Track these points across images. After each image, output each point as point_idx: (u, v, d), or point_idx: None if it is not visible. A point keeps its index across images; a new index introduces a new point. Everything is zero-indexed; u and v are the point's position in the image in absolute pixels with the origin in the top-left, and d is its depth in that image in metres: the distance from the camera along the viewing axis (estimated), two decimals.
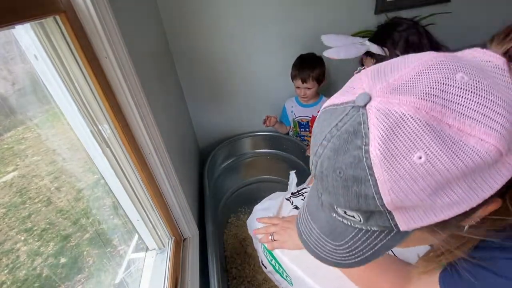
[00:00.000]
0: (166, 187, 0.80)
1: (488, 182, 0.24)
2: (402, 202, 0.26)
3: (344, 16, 1.42)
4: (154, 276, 0.77)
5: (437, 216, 0.26)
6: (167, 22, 1.26)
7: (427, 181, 0.24)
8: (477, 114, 0.23)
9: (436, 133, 0.23)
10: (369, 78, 0.27)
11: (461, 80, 0.24)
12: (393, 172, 0.24)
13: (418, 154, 0.23)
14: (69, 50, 0.52)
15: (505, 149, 0.23)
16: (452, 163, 0.23)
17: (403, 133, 0.23)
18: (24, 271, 0.50)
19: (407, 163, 0.24)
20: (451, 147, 0.23)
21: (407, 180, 0.24)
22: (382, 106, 0.24)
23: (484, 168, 0.24)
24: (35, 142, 0.60)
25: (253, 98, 1.59)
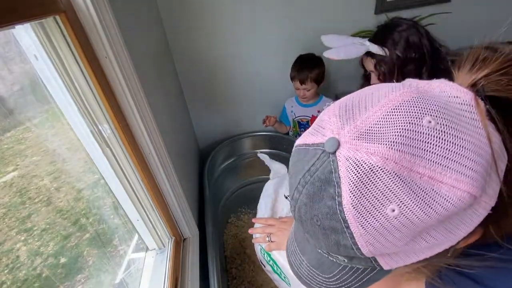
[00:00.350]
0: (166, 187, 0.80)
1: (466, 222, 0.25)
2: (381, 251, 0.26)
3: (344, 16, 1.42)
4: (154, 276, 0.77)
5: (419, 256, 0.27)
6: (167, 22, 1.26)
7: (403, 232, 0.24)
8: (447, 160, 0.23)
9: (407, 184, 0.23)
10: (337, 117, 0.26)
11: (427, 125, 0.23)
12: (367, 226, 0.24)
13: (391, 207, 0.23)
14: (69, 50, 0.52)
15: (479, 192, 0.23)
16: (425, 214, 0.23)
17: (374, 185, 0.23)
18: (24, 271, 0.50)
19: (381, 217, 0.23)
20: (423, 197, 0.23)
21: (383, 232, 0.24)
22: (351, 155, 0.24)
23: (460, 213, 0.24)
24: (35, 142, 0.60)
25: (253, 98, 1.59)
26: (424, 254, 0.27)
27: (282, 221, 0.70)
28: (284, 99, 1.56)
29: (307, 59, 1.31)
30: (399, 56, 0.82)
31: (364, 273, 0.30)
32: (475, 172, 0.23)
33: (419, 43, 0.82)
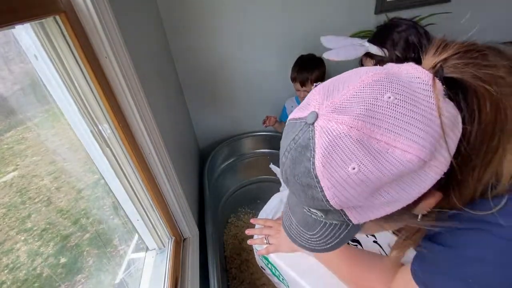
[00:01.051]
0: (166, 187, 0.80)
1: (418, 183, 0.29)
2: (346, 204, 0.31)
3: (344, 16, 1.42)
4: (154, 276, 0.77)
5: (380, 212, 0.32)
6: (167, 22, 1.26)
7: (362, 187, 0.29)
8: (400, 129, 0.27)
9: (366, 148, 0.27)
10: (321, 95, 0.31)
11: (387, 100, 0.28)
12: (333, 181, 0.29)
13: (352, 165, 0.28)
14: (69, 50, 0.52)
15: (427, 157, 0.27)
16: (380, 172, 0.28)
17: (339, 148, 0.28)
18: (24, 271, 0.50)
19: (344, 173, 0.28)
20: (378, 158, 0.28)
21: (346, 187, 0.29)
22: (324, 125, 0.29)
23: (410, 173, 0.28)
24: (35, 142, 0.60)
25: (253, 98, 1.59)
26: (384, 210, 0.32)
27: (279, 223, 0.70)
28: (284, 99, 1.56)
29: (307, 60, 1.31)
30: (399, 57, 0.82)
31: (341, 229, 0.36)
32: (423, 139, 0.27)
33: (419, 43, 0.82)
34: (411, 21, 0.86)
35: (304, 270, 0.62)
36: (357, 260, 0.56)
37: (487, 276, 0.31)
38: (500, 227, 0.30)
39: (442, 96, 0.29)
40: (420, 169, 0.28)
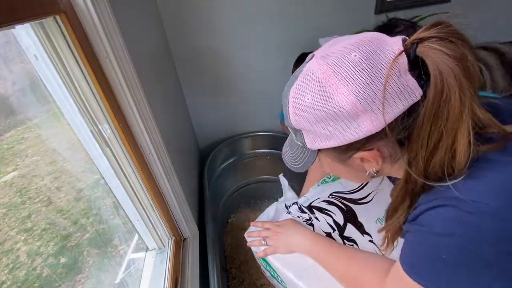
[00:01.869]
0: (166, 187, 0.80)
1: (351, 130, 0.36)
2: (300, 125, 0.41)
3: (344, 16, 1.42)
4: (154, 276, 0.77)
5: (324, 142, 0.40)
6: (167, 22, 1.26)
7: (310, 114, 0.38)
8: (350, 82, 0.34)
9: (321, 87, 0.36)
10: (327, 45, 0.39)
11: (352, 58, 0.34)
12: (295, 104, 0.40)
13: (308, 96, 0.37)
14: (69, 50, 0.52)
15: (359, 109, 0.34)
16: (324, 106, 0.36)
17: (306, 82, 0.38)
18: (24, 271, 0.50)
19: (301, 101, 0.39)
20: (326, 97, 0.35)
21: (300, 110, 0.39)
22: (310, 64, 0.39)
23: (346, 118, 0.35)
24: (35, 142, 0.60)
25: (253, 98, 1.59)
26: (327, 142, 0.40)
27: (277, 224, 0.70)
28: None
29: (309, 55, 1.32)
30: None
31: (304, 153, 0.46)
32: (362, 96, 0.33)
33: None
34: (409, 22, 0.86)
35: (301, 271, 0.63)
36: (353, 259, 0.57)
37: (458, 250, 0.33)
38: (465, 202, 0.32)
39: (404, 70, 0.33)
40: (353, 118, 0.35)
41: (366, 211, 0.67)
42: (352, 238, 0.64)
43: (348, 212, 0.68)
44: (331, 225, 0.68)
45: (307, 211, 0.73)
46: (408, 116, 0.35)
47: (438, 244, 0.34)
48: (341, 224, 0.67)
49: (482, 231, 0.31)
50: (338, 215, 0.69)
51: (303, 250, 0.64)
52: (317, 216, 0.71)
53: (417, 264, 0.37)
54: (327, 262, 0.60)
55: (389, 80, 0.33)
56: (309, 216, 0.72)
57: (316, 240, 0.63)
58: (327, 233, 0.67)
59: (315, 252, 0.62)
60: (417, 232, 0.37)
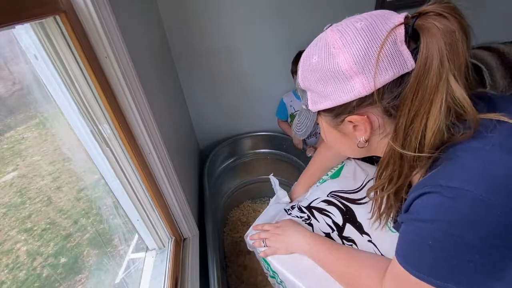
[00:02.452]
0: (166, 187, 0.80)
1: (345, 90, 0.40)
2: (305, 85, 0.45)
3: (344, 16, 1.42)
4: (154, 276, 0.77)
5: (323, 103, 0.44)
6: (167, 22, 1.26)
7: (315, 74, 0.42)
8: (350, 46, 0.37)
9: (327, 48, 0.40)
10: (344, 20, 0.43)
11: (357, 26, 0.38)
12: (304, 64, 0.45)
13: (315, 56, 0.42)
14: (69, 50, 0.52)
15: (354, 71, 0.37)
16: (327, 66, 0.40)
17: (316, 44, 0.43)
18: (24, 271, 0.50)
19: (309, 61, 0.43)
20: (329, 57, 0.39)
21: (308, 70, 0.44)
22: (324, 33, 0.42)
23: (342, 78, 0.39)
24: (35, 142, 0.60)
25: (253, 98, 1.59)
26: (324, 103, 0.43)
27: (276, 226, 0.71)
28: None
29: None
30: None
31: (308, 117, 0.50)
32: (359, 59, 0.37)
33: None
34: None
35: (301, 272, 0.63)
36: (352, 259, 0.57)
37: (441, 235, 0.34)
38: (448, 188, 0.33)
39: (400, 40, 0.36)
40: (348, 79, 0.38)
41: (365, 211, 0.67)
42: (351, 238, 0.64)
43: (347, 212, 0.68)
44: (330, 225, 0.68)
45: (306, 211, 0.73)
46: (398, 86, 0.37)
47: (424, 230, 0.36)
48: (340, 224, 0.67)
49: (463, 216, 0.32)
50: (337, 216, 0.68)
51: (302, 251, 0.64)
52: (316, 217, 0.70)
53: (408, 253, 0.39)
54: (326, 262, 0.61)
55: (384, 47, 0.36)
56: (308, 216, 0.72)
57: (315, 240, 0.63)
58: (326, 233, 0.66)
59: (314, 252, 0.63)
60: (407, 221, 0.39)
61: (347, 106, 0.41)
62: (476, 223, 0.32)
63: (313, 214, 0.71)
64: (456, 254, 0.33)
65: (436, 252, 0.35)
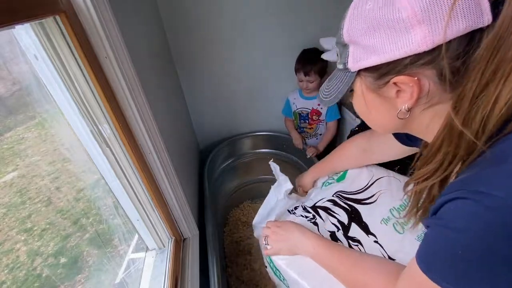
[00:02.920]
0: (166, 187, 0.80)
1: (400, 42, 0.33)
2: (350, 36, 0.39)
3: None
4: (154, 276, 0.77)
5: (368, 60, 0.37)
6: (167, 22, 1.26)
7: (364, 22, 0.36)
8: None
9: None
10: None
11: None
12: (354, 12, 0.38)
13: (370, 3, 0.35)
14: (69, 50, 0.52)
15: (417, 19, 0.31)
16: (382, 12, 0.33)
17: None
18: (24, 271, 0.50)
19: (362, 8, 0.36)
20: (388, 4, 0.33)
21: (357, 18, 0.37)
22: None
23: (400, 27, 0.33)
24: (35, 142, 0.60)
25: (253, 98, 1.59)
26: (370, 59, 0.37)
27: (277, 225, 0.68)
28: (284, 99, 1.56)
29: (311, 53, 1.35)
30: None
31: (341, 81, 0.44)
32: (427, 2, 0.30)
33: None
34: None
35: (305, 271, 0.62)
36: (359, 263, 0.55)
37: (474, 246, 0.30)
38: (486, 196, 0.29)
39: None
40: (407, 29, 0.32)
41: (371, 211, 0.67)
42: (357, 238, 0.63)
43: (353, 212, 0.68)
44: (335, 224, 0.67)
45: (312, 210, 0.72)
46: (467, 44, 0.31)
47: (454, 239, 0.32)
48: (346, 224, 0.66)
49: (505, 229, 0.29)
50: (342, 215, 0.68)
51: (307, 253, 0.63)
52: (322, 216, 0.70)
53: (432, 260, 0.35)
54: (332, 266, 0.59)
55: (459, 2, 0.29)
56: (313, 215, 0.71)
57: (321, 243, 0.61)
58: (331, 232, 0.66)
59: (320, 256, 0.61)
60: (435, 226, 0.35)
61: (397, 64, 0.35)
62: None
63: (318, 213, 0.71)
64: (489, 267, 0.30)
65: (466, 263, 0.31)
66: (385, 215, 0.65)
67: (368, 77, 0.39)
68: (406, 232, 0.62)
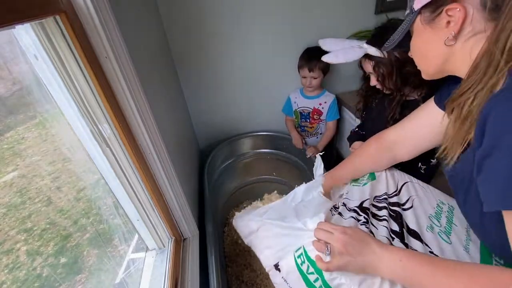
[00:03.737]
0: (166, 187, 0.80)
1: None
2: None
3: (344, 16, 1.42)
4: (154, 276, 0.77)
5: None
6: (167, 22, 1.26)
7: None
8: None
9: None
10: None
11: None
12: None
13: None
14: (69, 50, 0.52)
15: None
16: None
17: None
18: (24, 271, 0.50)
19: None
20: None
21: None
22: None
23: None
24: (35, 142, 0.60)
25: (253, 98, 1.59)
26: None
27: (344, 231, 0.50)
28: (284, 99, 1.56)
29: (314, 50, 1.36)
30: (398, 58, 0.82)
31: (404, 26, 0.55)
32: None
33: None
34: None
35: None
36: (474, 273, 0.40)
37: None
38: None
39: None
40: None
41: (413, 217, 0.60)
42: (414, 248, 0.54)
43: (398, 217, 0.61)
44: (389, 232, 0.57)
45: (362, 213, 0.61)
46: None
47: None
48: (398, 231, 0.57)
49: None
50: (391, 221, 0.59)
51: (388, 272, 0.47)
52: (372, 222, 0.60)
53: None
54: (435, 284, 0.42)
55: None
56: (366, 219, 0.59)
57: (409, 255, 0.46)
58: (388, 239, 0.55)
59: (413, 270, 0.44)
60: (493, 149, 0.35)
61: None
62: None
63: (369, 217, 0.60)
64: None
65: None
66: (427, 223, 0.60)
67: (426, 11, 0.47)
68: (453, 242, 0.57)
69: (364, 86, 1.05)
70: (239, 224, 0.75)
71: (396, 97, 0.90)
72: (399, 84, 0.86)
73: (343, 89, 1.64)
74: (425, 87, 0.86)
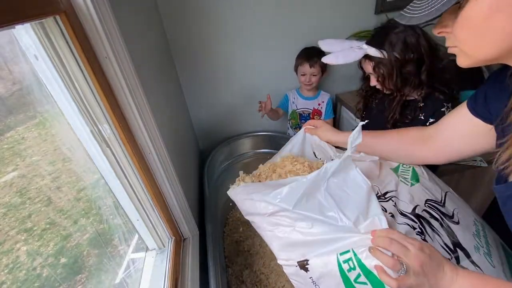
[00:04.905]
0: (166, 187, 0.80)
1: None
2: None
3: (344, 16, 1.42)
4: (154, 276, 0.77)
5: None
6: (167, 22, 1.26)
7: None
8: None
9: None
10: None
11: None
12: None
13: None
14: (69, 50, 0.52)
15: None
16: None
17: None
18: (24, 271, 0.50)
19: None
20: None
21: None
22: None
23: None
24: (35, 142, 0.60)
25: (253, 98, 1.59)
26: None
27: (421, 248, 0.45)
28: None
29: (313, 49, 1.38)
30: (397, 58, 0.82)
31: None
32: None
33: (417, 44, 0.82)
34: None
35: None
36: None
37: None
38: None
39: None
40: None
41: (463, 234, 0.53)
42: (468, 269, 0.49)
43: (450, 232, 0.54)
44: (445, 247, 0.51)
45: (416, 219, 0.53)
46: None
47: None
48: (452, 247, 0.51)
49: None
50: (444, 236, 0.53)
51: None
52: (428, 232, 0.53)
53: None
54: None
55: None
56: (420, 227, 0.52)
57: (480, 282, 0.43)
58: None
59: None
60: None
61: None
62: None
63: (423, 227, 0.53)
64: None
65: None
66: (473, 242, 0.53)
67: None
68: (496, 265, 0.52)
69: (364, 86, 1.06)
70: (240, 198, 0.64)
71: (396, 97, 0.90)
72: (399, 84, 0.86)
73: (343, 89, 1.64)
74: (425, 87, 0.86)
